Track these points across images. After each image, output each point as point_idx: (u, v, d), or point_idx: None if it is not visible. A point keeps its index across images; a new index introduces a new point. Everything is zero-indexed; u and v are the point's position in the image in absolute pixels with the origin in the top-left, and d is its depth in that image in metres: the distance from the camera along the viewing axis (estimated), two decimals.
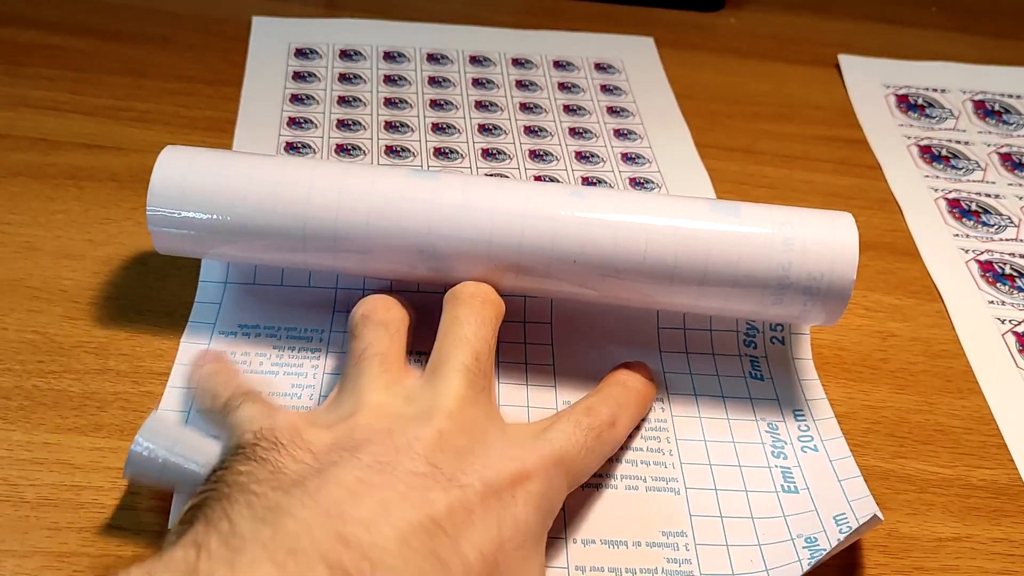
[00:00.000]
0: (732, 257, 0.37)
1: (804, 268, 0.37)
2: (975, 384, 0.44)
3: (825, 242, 0.38)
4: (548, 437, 0.34)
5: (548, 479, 0.32)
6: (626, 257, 0.37)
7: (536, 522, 0.31)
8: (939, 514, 0.38)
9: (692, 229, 0.37)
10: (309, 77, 0.57)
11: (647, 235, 0.37)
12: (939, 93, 0.62)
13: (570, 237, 0.37)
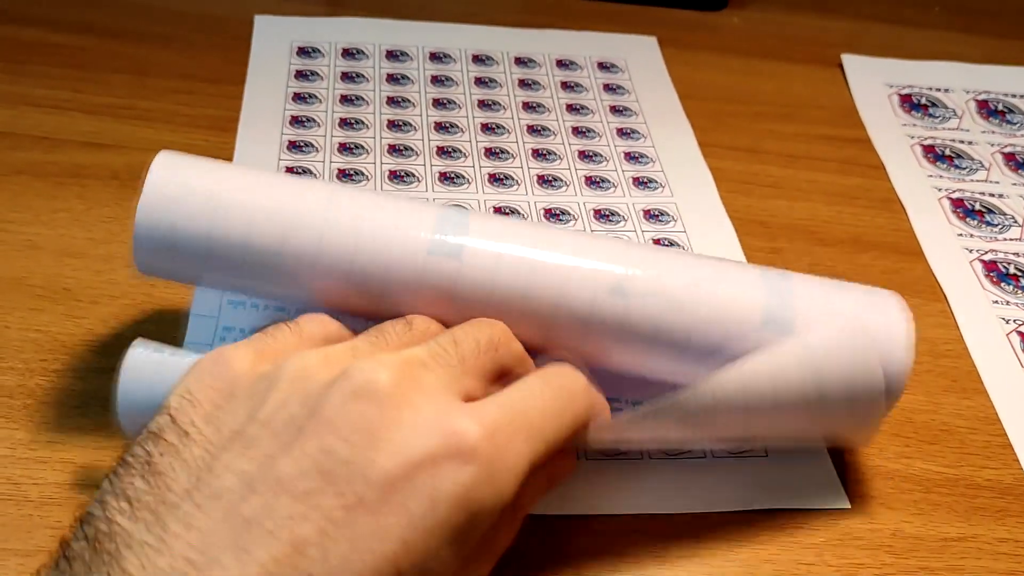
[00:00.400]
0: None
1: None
2: (980, 384, 0.44)
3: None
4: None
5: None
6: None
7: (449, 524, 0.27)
8: (944, 514, 0.38)
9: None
10: (311, 76, 0.57)
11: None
12: (943, 93, 0.62)
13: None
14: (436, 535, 0.26)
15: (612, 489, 0.37)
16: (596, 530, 0.36)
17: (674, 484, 0.38)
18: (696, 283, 0.34)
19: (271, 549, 0.24)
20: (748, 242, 0.49)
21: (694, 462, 0.38)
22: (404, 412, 0.27)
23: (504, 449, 0.28)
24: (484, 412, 0.28)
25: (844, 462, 0.39)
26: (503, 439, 0.28)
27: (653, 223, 0.49)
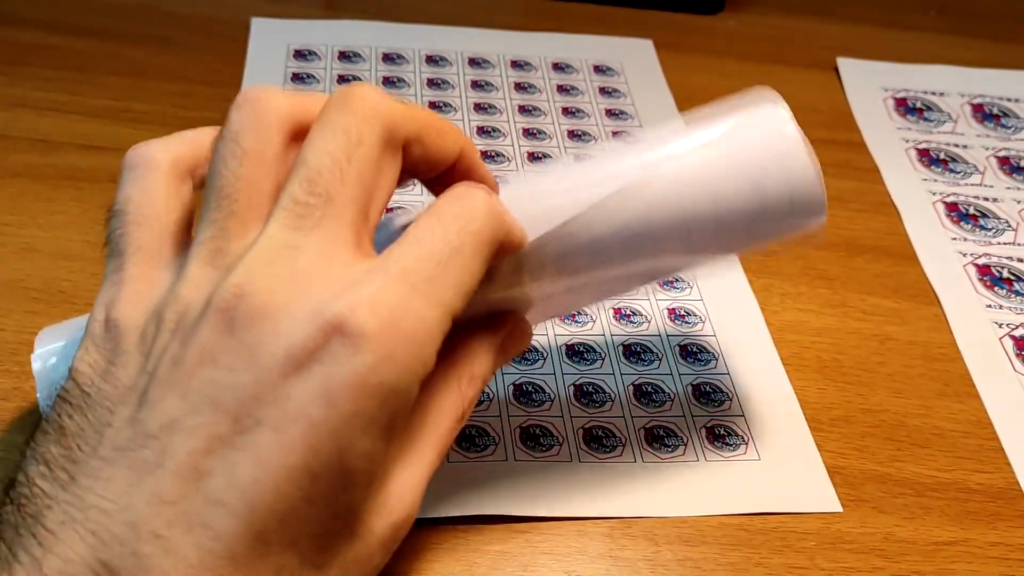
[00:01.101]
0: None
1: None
2: (972, 388, 0.44)
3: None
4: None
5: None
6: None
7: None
8: (936, 518, 0.38)
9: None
10: (308, 79, 0.57)
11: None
12: (937, 96, 0.63)
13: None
14: (345, 432, 0.25)
15: (603, 492, 0.37)
16: (587, 532, 0.36)
17: (665, 487, 0.38)
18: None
19: (177, 485, 0.24)
20: None
21: (686, 465, 0.39)
22: (278, 316, 0.25)
23: (401, 320, 0.26)
24: (367, 285, 0.26)
25: (836, 466, 0.40)
26: (397, 309, 0.26)
27: None
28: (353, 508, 0.27)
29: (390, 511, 0.28)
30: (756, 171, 0.34)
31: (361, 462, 0.26)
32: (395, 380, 0.25)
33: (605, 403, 0.41)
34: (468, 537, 0.35)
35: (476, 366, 0.31)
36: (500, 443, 0.38)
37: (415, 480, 0.29)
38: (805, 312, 0.46)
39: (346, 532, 0.27)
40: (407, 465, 0.29)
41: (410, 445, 0.29)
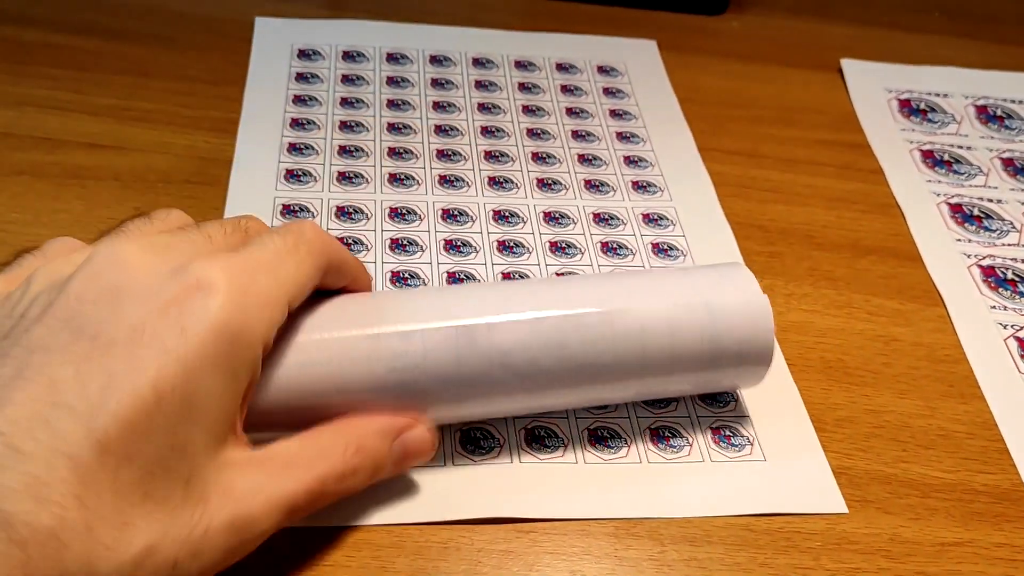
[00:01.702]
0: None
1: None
2: (977, 389, 0.44)
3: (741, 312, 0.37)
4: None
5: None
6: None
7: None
8: (942, 519, 0.38)
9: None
10: (312, 78, 0.57)
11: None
12: (941, 98, 0.63)
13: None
14: (194, 363, 0.27)
15: (608, 492, 0.37)
16: (592, 532, 0.36)
17: (671, 487, 0.38)
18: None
19: (28, 390, 0.26)
20: (747, 246, 0.49)
21: (691, 465, 0.39)
22: (147, 270, 0.29)
23: (249, 283, 0.29)
24: (220, 257, 0.30)
25: (841, 466, 0.40)
26: (245, 276, 0.29)
27: (652, 227, 0.50)
28: (191, 449, 0.28)
29: (235, 500, 0.29)
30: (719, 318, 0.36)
31: (204, 398, 0.28)
32: (241, 327, 0.29)
33: (610, 404, 0.40)
34: (473, 537, 0.35)
35: (365, 439, 0.32)
36: (505, 445, 0.38)
37: (271, 493, 0.30)
38: (810, 313, 0.46)
39: (181, 480, 0.27)
40: (267, 475, 0.30)
41: (279, 462, 0.30)
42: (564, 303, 0.36)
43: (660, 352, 0.36)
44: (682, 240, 0.49)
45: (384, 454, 0.33)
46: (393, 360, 0.33)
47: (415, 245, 0.46)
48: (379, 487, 0.36)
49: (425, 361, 0.34)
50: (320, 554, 0.34)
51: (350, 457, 0.32)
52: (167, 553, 0.27)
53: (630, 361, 0.36)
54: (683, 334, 0.36)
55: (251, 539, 0.29)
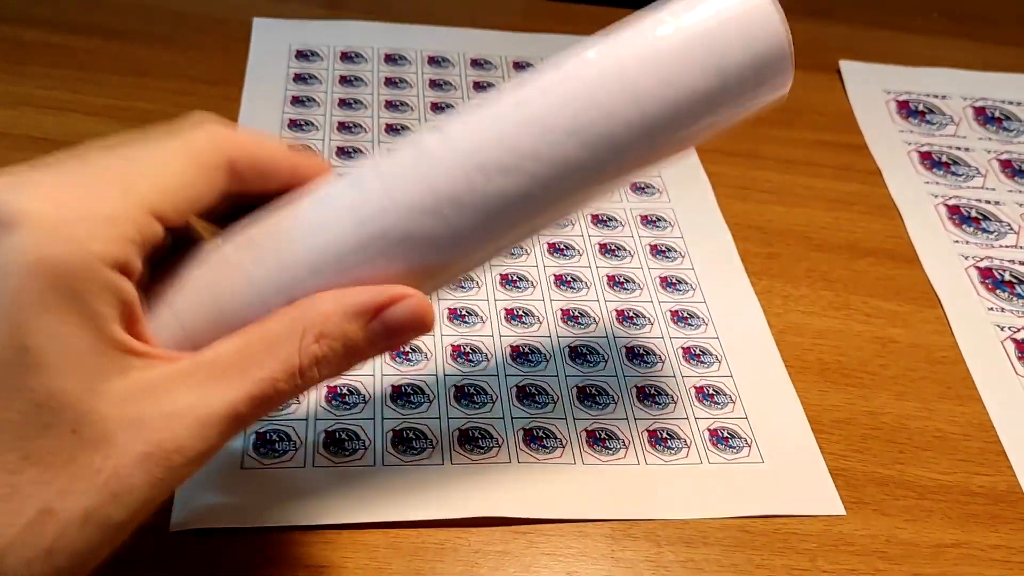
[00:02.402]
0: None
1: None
2: (974, 391, 0.44)
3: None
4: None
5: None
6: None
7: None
8: (938, 520, 0.38)
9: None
10: (310, 79, 0.57)
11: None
12: (940, 99, 0.63)
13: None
14: (15, 309, 0.24)
15: (605, 493, 0.37)
16: (589, 533, 0.36)
17: (668, 489, 0.38)
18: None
19: None
20: (745, 247, 0.49)
21: (689, 467, 0.39)
22: None
23: (69, 200, 0.25)
24: (37, 179, 0.26)
25: (838, 468, 0.40)
26: (67, 192, 0.26)
27: (650, 228, 0.50)
28: (62, 398, 0.25)
29: (146, 427, 0.26)
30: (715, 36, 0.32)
31: (51, 342, 0.25)
32: (62, 255, 0.25)
33: (608, 405, 0.41)
34: (470, 538, 0.35)
35: (328, 323, 0.28)
36: (503, 445, 0.38)
37: (201, 410, 0.26)
38: (807, 314, 0.46)
39: (66, 430, 0.25)
40: (196, 389, 0.27)
41: (206, 371, 0.27)
42: (519, 101, 0.30)
43: (657, 81, 0.31)
44: (680, 242, 0.49)
45: (356, 337, 0.29)
46: (354, 211, 0.29)
47: None
48: (375, 485, 0.36)
49: (392, 197, 0.29)
50: (316, 556, 0.34)
51: (308, 346, 0.28)
52: (72, 508, 0.25)
53: (625, 105, 0.30)
54: (670, 59, 0.31)
55: (183, 464, 0.26)
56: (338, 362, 0.29)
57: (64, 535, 0.25)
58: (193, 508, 0.35)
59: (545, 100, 0.30)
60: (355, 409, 0.39)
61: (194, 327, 0.28)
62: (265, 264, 0.29)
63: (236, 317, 0.28)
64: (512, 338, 0.43)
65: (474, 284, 0.45)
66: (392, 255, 0.29)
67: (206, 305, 0.29)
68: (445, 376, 0.41)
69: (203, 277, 0.29)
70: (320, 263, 0.29)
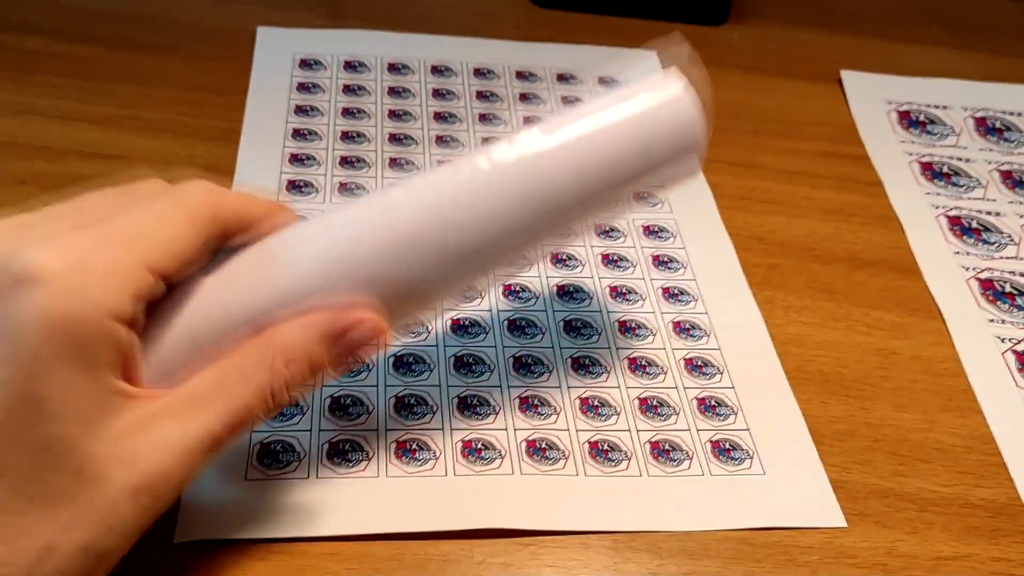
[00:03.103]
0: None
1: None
2: (975, 403, 0.44)
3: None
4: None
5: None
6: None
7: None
8: (939, 533, 0.38)
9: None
10: (314, 88, 0.57)
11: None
12: (941, 110, 0.63)
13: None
14: (31, 362, 0.26)
15: (608, 505, 0.37)
16: (592, 545, 0.36)
17: (670, 501, 0.38)
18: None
19: None
20: (746, 258, 0.50)
21: (691, 479, 0.39)
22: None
23: (88, 259, 0.28)
24: (63, 236, 0.28)
25: (839, 480, 0.40)
26: (84, 253, 0.28)
27: (652, 239, 0.50)
28: (66, 443, 0.27)
29: (137, 461, 0.28)
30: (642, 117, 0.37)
31: (58, 392, 0.27)
32: (79, 312, 0.27)
33: (610, 416, 0.41)
34: (474, 550, 0.36)
35: (295, 348, 0.31)
36: (506, 456, 0.39)
37: (182, 438, 0.29)
38: (809, 325, 0.47)
39: (69, 472, 0.27)
40: (177, 421, 0.29)
41: (185, 403, 0.29)
42: (477, 168, 0.35)
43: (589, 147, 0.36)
44: (682, 252, 0.49)
45: (322, 360, 0.32)
46: (323, 252, 0.33)
47: None
48: (379, 496, 0.36)
49: (359, 242, 0.33)
50: (321, 567, 0.34)
51: (279, 371, 0.31)
52: (73, 543, 0.27)
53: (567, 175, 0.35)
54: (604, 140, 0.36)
55: (168, 492, 0.29)
56: (305, 381, 0.32)
57: (65, 569, 0.27)
58: (197, 520, 0.35)
59: (502, 170, 0.35)
60: (359, 420, 0.39)
61: (172, 359, 0.31)
62: (239, 296, 0.32)
63: (208, 345, 0.31)
64: (514, 349, 0.43)
65: (476, 295, 0.45)
66: (356, 294, 0.33)
67: (181, 335, 0.31)
68: (448, 387, 0.41)
69: (181, 310, 0.31)
70: (289, 297, 0.32)
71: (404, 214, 0.33)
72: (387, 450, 0.38)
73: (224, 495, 0.36)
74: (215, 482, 0.36)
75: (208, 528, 0.35)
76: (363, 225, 0.33)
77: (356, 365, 0.35)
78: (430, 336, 0.43)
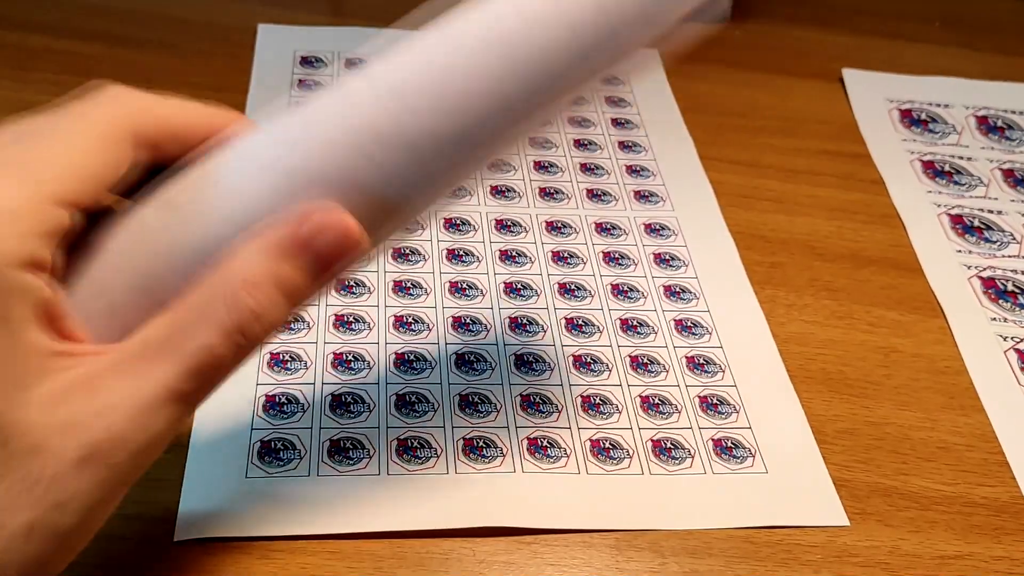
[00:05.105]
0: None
1: None
2: (977, 401, 0.44)
3: None
4: None
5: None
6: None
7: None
8: (942, 532, 0.38)
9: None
10: (315, 86, 0.57)
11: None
12: (942, 108, 0.63)
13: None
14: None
15: (610, 503, 0.37)
16: (594, 544, 0.36)
17: (672, 499, 0.38)
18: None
19: None
20: (748, 256, 0.49)
21: (693, 477, 0.39)
22: None
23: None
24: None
25: (842, 479, 0.40)
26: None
27: (654, 236, 0.50)
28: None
29: (80, 428, 0.25)
30: None
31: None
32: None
33: (612, 415, 0.41)
34: (475, 548, 0.35)
35: (257, 272, 0.26)
36: (508, 454, 0.38)
37: (133, 397, 0.25)
38: (811, 324, 0.47)
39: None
40: (122, 378, 0.25)
41: (135, 356, 0.26)
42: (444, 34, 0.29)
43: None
44: (684, 250, 0.49)
45: (294, 279, 0.27)
46: (278, 160, 0.28)
47: (417, 255, 0.47)
48: (380, 494, 0.36)
49: (316, 141, 0.28)
50: (321, 566, 0.34)
51: (243, 302, 0.26)
52: (14, 522, 0.24)
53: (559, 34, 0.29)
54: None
55: (128, 459, 0.25)
56: (278, 309, 0.27)
57: (10, 549, 0.24)
58: (197, 518, 0.35)
59: (473, 29, 0.29)
60: (360, 418, 0.39)
61: (123, 304, 0.27)
62: (188, 226, 0.27)
63: (162, 289, 0.27)
64: (516, 347, 0.43)
65: (478, 292, 0.45)
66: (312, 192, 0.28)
67: (129, 279, 0.27)
68: (450, 384, 0.41)
69: (124, 248, 0.27)
70: (248, 219, 0.27)
71: (364, 107, 0.28)
72: (388, 448, 0.38)
73: (224, 493, 0.36)
74: (215, 480, 0.36)
75: (208, 527, 0.35)
76: (317, 126, 0.28)
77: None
78: (432, 333, 0.43)
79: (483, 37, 0.29)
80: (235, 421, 0.38)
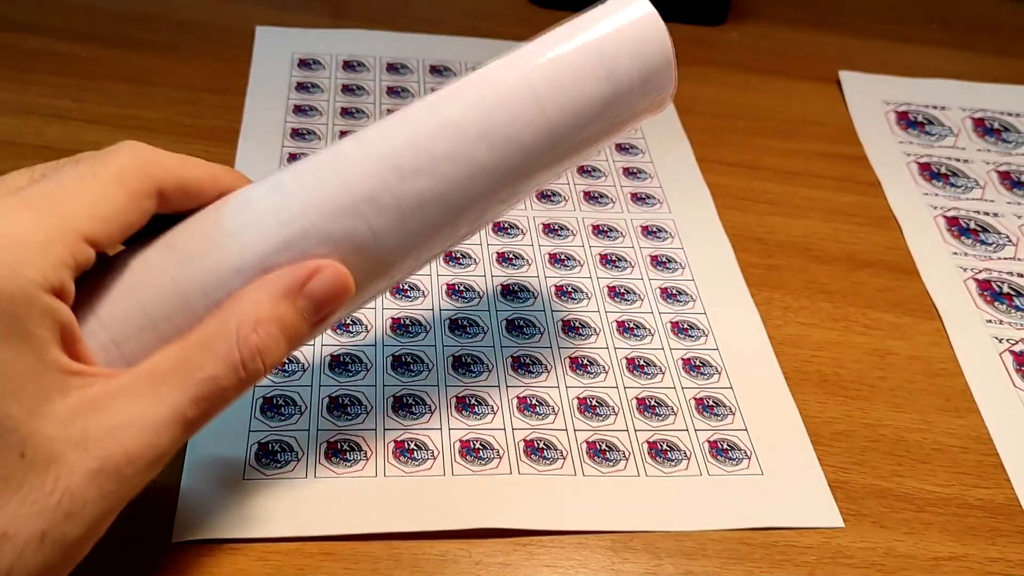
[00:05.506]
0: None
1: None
2: (973, 403, 0.44)
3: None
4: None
5: None
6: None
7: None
8: (936, 533, 0.39)
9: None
10: (312, 88, 0.57)
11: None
12: (939, 110, 0.63)
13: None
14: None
15: (605, 505, 0.38)
16: (589, 545, 0.36)
17: (668, 501, 0.38)
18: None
19: None
20: (745, 258, 0.50)
21: (689, 479, 0.39)
22: None
23: (15, 228, 0.26)
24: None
25: (837, 480, 0.40)
26: (11, 218, 0.26)
27: (650, 239, 0.50)
28: (6, 424, 0.25)
29: (93, 443, 0.26)
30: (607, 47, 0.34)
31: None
32: (8, 285, 0.25)
33: (608, 416, 0.41)
34: (471, 550, 0.36)
35: (261, 310, 0.29)
36: (504, 456, 0.39)
37: (144, 417, 0.27)
38: (807, 326, 0.47)
39: (13, 455, 0.25)
40: (138, 400, 0.27)
41: (146, 380, 0.28)
42: (430, 106, 0.33)
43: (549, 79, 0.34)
44: (680, 253, 0.49)
45: (294, 318, 0.30)
46: (275, 212, 0.30)
47: None
48: (377, 496, 0.36)
49: (310, 198, 0.31)
50: (318, 567, 0.34)
51: (248, 336, 0.29)
52: (27, 530, 0.25)
53: (529, 109, 0.33)
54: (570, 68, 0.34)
55: (134, 474, 0.27)
56: (279, 347, 0.30)
57: (22, 557, 0.25)
58: (195, 519, 0.35)
59: (456, 106, 0.32)
60: (356, 419, 0.39)
61: (125, 337, 0.29)
62: (189, 267, 0.30)
63: (164, 323, 0.29)
64: (512, 348, 0.43)
65: (475, 296, 0.45)
66: (316, 256, 0.31)
67: (133, 313, 0.29)
68: (446, 387, 0.41)
69: (128, 285, 0.29)
70: (244, 264, 0.30)
71: (357, 166, 0.31)
72: (385, 450, 0.38)
73: (222, 495, 0.36)
74: (213, 482, 0.36)
75: (206, 528, 0.35)
76: (312, 182, 0.31)
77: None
78: (428, 336, 0.43)
79: (462, 110, 0.32)
80: (233, 423, 0.38)
